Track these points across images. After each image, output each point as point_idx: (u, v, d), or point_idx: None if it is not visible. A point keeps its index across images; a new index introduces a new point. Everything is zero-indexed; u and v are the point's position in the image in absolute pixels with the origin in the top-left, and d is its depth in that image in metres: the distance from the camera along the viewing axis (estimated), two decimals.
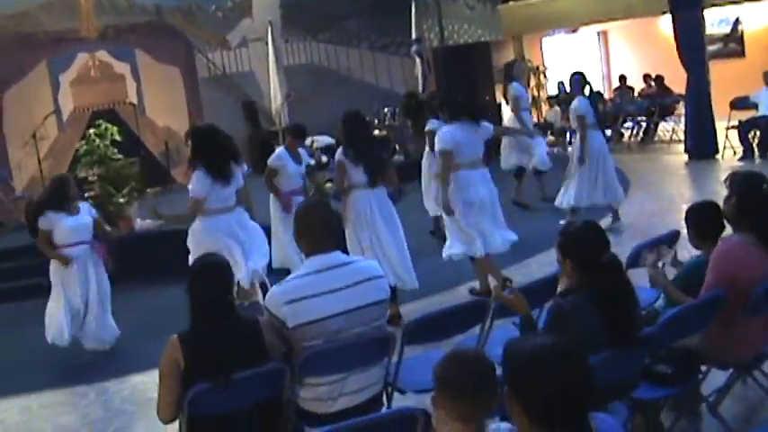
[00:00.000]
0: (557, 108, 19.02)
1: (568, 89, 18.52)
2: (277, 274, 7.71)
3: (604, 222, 9.78)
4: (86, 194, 11.98)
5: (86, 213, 8.24)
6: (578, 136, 10.65)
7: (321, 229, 4.39)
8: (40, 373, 7.99)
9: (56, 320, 8.03)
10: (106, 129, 12.18)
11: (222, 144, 7.66)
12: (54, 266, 8.12)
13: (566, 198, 10.69)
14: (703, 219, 5.10)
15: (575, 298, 3.99)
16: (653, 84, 18.62)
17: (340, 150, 8.04)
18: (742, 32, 18.63)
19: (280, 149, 9.49)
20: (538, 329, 4.26)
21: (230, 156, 7.64)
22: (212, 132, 7.75)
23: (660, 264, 5.10)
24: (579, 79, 11.05)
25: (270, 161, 9.35)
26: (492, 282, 8.38)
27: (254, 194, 8.43)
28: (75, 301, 8.05)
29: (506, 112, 18.94)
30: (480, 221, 8.33)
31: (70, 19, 16.30)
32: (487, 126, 8.63)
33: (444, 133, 8.31)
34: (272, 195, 9.38)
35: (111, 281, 8.37)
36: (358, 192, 7.91)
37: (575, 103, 10.76)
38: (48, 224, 8.03)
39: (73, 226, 8.06)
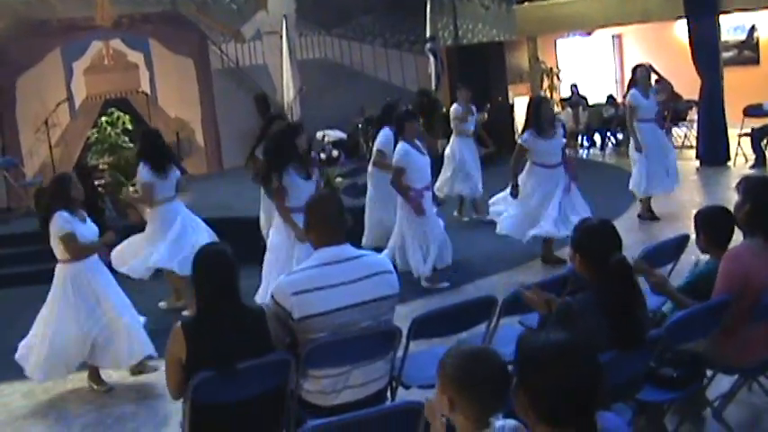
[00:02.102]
0: (569, 110, 19.00)
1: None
2: None
3: None
4: (97, 182, 12.03)
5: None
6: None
7: (333, 222, 4.39)
8: None
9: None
10: (118, 117, 12.22)
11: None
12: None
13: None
14: (715, 223, 5.05)
15: (583, 296, 3.99)
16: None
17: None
18: (757, 40, 18.53)
19: (400, 144, 8.79)
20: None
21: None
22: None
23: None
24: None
25: (395, 160, 8.73)
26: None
27: None
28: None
29: (518, 114, 19.00)
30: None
31: (85, 7, 16.31)
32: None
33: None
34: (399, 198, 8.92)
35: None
36: None
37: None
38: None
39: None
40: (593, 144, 18.82)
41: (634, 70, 11.46)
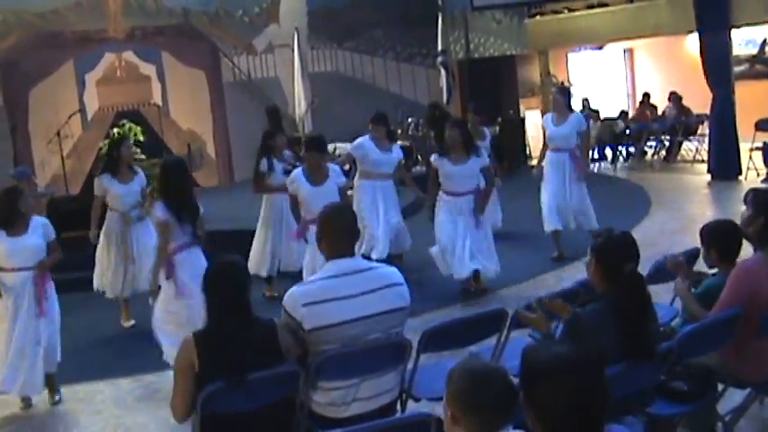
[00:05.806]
0: None
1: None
2: None
3: None
4: None
5: (37, 233, 6.96)
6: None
7: (345, 234, 4.40)
8: None
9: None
10: (130, 129, 12.23)
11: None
12: None
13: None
14: (726, 238, 5.04)
15: (595, 307, 3.98)
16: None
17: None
18: None
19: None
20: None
21: None
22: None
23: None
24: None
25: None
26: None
27: None
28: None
29: (529, 128, 19.00)
30: None
31: (98, 19, 16.42)
32: None
33: None
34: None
35: None
36: None
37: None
38: None
39: (11, 249, 6.83)
40: (603, 158, 18.81)
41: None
